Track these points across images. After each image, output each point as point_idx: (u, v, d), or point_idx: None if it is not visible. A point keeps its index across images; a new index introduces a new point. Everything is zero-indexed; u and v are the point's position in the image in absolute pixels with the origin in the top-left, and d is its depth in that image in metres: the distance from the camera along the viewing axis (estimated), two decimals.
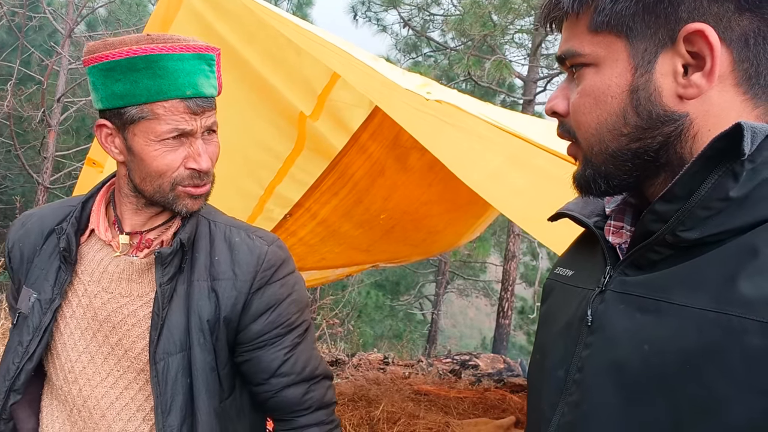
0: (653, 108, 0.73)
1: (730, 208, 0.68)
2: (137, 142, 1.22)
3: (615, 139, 0.76)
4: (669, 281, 0.71)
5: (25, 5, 9.31)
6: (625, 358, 0.72)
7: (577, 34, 0.78)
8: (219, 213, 1.40)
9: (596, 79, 0.76)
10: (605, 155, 0.77)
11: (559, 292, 0.95)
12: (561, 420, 0.80)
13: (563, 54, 0.80)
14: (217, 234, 1.32)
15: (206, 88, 1.22)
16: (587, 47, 0.76)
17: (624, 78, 0.74)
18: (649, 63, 0.73)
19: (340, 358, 7.00)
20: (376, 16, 12.02)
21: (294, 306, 1.34)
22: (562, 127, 0.84)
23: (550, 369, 0.86)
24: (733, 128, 0.66)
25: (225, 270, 1.28)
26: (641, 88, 0.73)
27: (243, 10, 2.39)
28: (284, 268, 1.33)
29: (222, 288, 1.27)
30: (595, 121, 0.77)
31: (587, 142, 0.79)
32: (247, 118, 3.08)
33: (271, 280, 1.30)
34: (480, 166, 2.02)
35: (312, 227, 4.26)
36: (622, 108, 0.75)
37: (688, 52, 0.71)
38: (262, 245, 1.32)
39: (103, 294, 1.27)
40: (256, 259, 1.29)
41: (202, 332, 1.25)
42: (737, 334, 0.62)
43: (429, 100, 1.65)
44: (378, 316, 15.79)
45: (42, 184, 9.30)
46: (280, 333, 1.32)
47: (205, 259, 1.29)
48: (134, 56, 1.15)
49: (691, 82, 0.72)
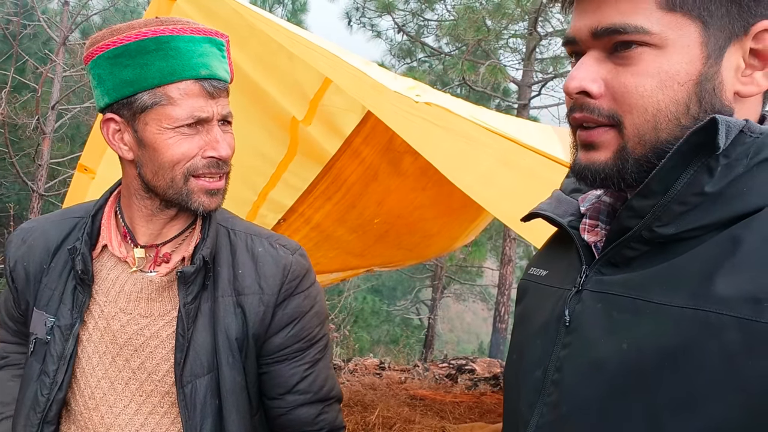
0: (715, 101, 0.70)
1: (705, 203, 0.68)
2: (149, 132, 1.14)
3: (670, 129, 0.70)
4: (646, 279, 0.71)
5: (20, 13, 9.32)
6: (603, 358, 0.72)
7: (641, 9, 0.69)
8: (236, 219, 1.32)
9: (662, 61, 0.69)
10: (652, 145, 0.71)
11: (534, 293, 0.94)
12: (540, 420, 0.80)
13: (620, 28, 0.70)
14: (238, 244, 1.25)
15: (220, 71, 1.16)
16: (657, 26, 0.69)
17: (694, 66, 0.69)
18: (720, 54, 0.70)
19: (336, 364, 6.99)
20: (371, 21, 12.05)
21: (316, 319, 1.28)
22: (591, 110, 0.74)
23: (528, 369, 0.85)
24: (708, 122, 0.66)
25: (250, 284, 1.21)
26: (710, 79, 0.70)
27: (234, 15, 2.39)
28: (308, 279, 1.27)
29: (248, 303, 1.21)
30: (655, 107, 0.70)
31: (638, 129, 0.71)
32: (239, 123, 3.06)
33: (295, 291, 1.24)
34: (470, 168, 2.03)
35: (306, 232, 4.26)
36: (687, 96, 0.70)
37: (751, 48, 0.70)
38: (286, 255, 1.25)
39: (121, 315, 1.19)
40: (281, 270, 1.23)
41: (231, 351, 1.19)
42: (715, 330, 0.62)
43: (418, 103, 1.65)
44: (375, 322, 15.77)
45: (36, 192, 9.28)
46: (302, 347, 1.26)
47: (228, 273, 1.22)
48: (144, 38, 1.09)
49: (753, 80, 0.71)
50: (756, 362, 0.59)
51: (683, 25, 0.69)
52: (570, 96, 0.76)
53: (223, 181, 1.21)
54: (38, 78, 9.52)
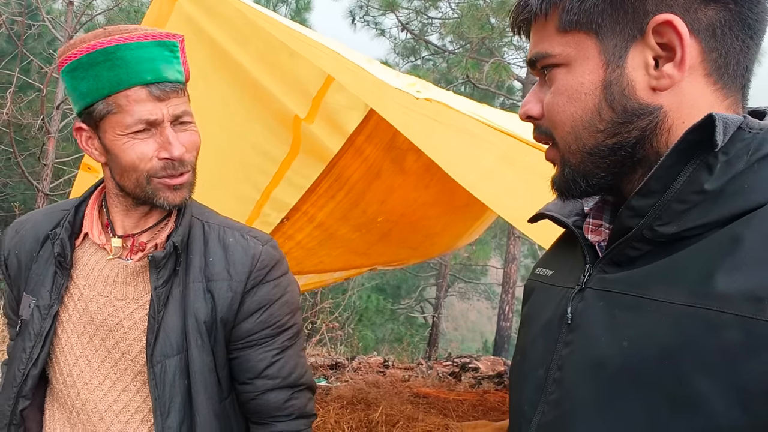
0: (627, 102, 0.73)
1: (705, 201, 0.68)
2: (108, 138, 1.21)
3: (591, 135, 0.76)
4: (648, 277, 0.71)
5: (24, 13, 9.33)
6: (605, 356, 0.72)
7: (546, 36, 0.78)
8: (213, 214, 1.39)
9: (568, 77, 0.76)
10: (582, 153, 0.77)
11: (540, 292, 0.95)
12: (542, 419, 0.80)
13: (534, 57, 0.80)
14: (211, 235, 1.32)
15: (169, 73, 1.21)
16: (557, 47, 0.76)
17: (596, 74, 0.74)
18: (620, 58, 0.73)
19: (340, 362, 7.00)
20: (374, 20, 12.05)
21: (286, 307, 1.34)
22: (539, 130, 0.83)
23: (530, 368, 0.86)
24: (705, 120, 0.66)
25: (220, 271, 1.28)
26: (614, 83, 0.73)
27: (235, 13, 2.40)
28: (278, 269, 1.33)
29: (217, 289, 1.27)
30: (570, 119, 0.77)
31: (564, 141, 0.79)
32: (242, 121, 3.09)
33: (264, 279, 1.30)
34: (472, 164, 2.02)
35: (309, 231, 4.26)
36: (596, 104, 0.74)
37: (657, 44, 0.71)
38: (256, 245, 1.31)
39: (98, 298, 1.27)
40: (250, 259, 1.29)
41: (200, 334, 1.25)
42: (715, 328, 0.62)
43: (419, 99, 1.65)
44: (379, 320, 15.78)
45: (42, 191, 9.31)
46: (270, 334, 1.32)
47: (199, 261, 1.29)
48: (93, 51, 1.16)
49: (663, 73, 0.72)
50: (757, 360, 0.59)
51: (580, 41, 0.75)
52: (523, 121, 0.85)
53: (185, 177, 1.27)
54: (43, 78, 9.55)
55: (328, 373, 6.59)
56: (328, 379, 6.24)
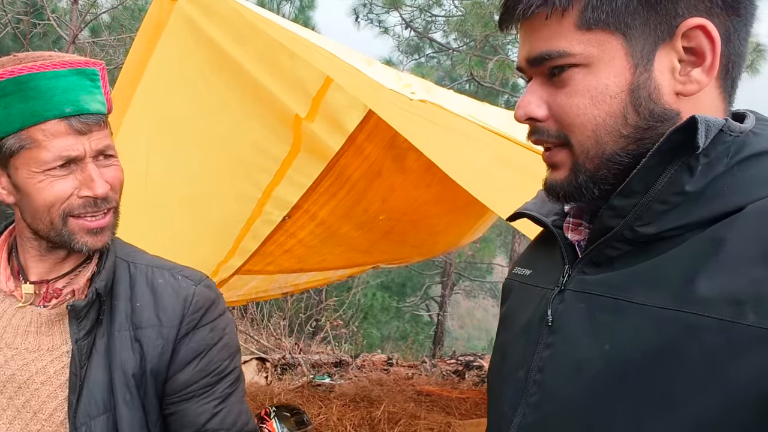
0: (654, 106, 0.71)
1: (686, 202, 0.68)
2: (21, 177, 1.08)
3: (614, 140, 0.73)
4: (628, 279, 0.71)
5: (30, 12, 9.39)
6: (586, 359, 0.72)
7: (561, 33, 0.72)
8: (140, 253, 1.27)
9: (590, 79, 0.72)
10: (601, 159, 0.74)
11: (518, 292, 0.95)
12: (522, 421, 0.80)
13: (545, 54, 0.74)
14: (138, 277, 1.20)
15: (90, 104, 1.09)
16: (577, 46, 0.72)
17: (623, 77, 0.71)
18: (649, 60, 0.71)
19: (344, 359, 7.02)
20: (378, 18, 12.03)
21: (225, 351, 1.23)
22: (542, 133, 0.78)
23: (510, 370, 0.86)
24: (688, 122, 0.66)
25: (149, 317, 1.16)
26: (642, 87, 0.71)
27: (235, 14, 2.41)
28: (214, 310, 1.22)
29: (146, 337, 1.15)
30: (593, 123, 0.73)
31: (582, 145, 0.75)
32: (242, 121, 3.10)
33: (199, 324, 1.19)
34: (467, 164, 2.03)
35: (311, 228, 4.28)
36: (622, 108, 0.72)
37: (684, 47, 0.70)
38: (188, 286, 1.20)
39: (5, 350, 1.13)
40: (182, 301, 1.18)
41: (128, 388, 1.13)
42: (696, 332, 0.62)
43: (413, 100, 1.66)
44: (384, 318, 15.78)
45: None
46: (210, 382, 1.20)
47: (125, 307, 1.16)
48: (1, 80, 1.04)
49: (691, 78, 0.71)
50: (737, 363, 0.59)
51: (604, 41, 0.71)
52: (521, 123, 0.80)
53: (107, 219, 1.15)
54: None
55: (332, 370, 6.61)
56: (332, 377, 6.26)
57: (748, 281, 0.61)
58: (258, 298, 5.59)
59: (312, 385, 5.71)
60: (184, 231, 3.67)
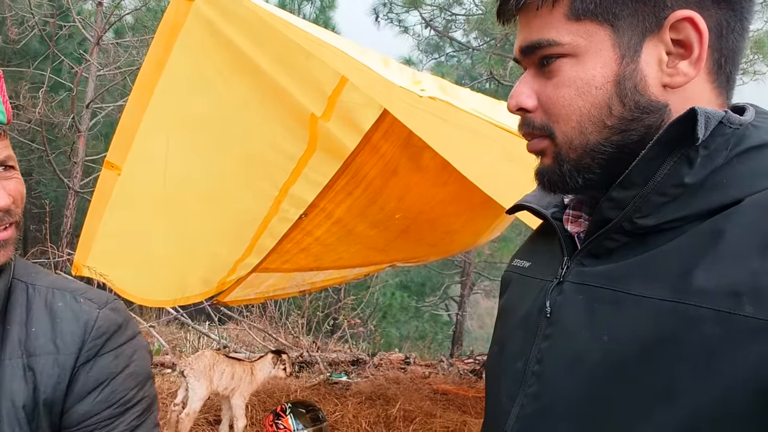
0: (640, 98, 0.71)
1: (685, 194, 0.68)
2: None
3: (598, 131, 0.73)
4: (627, 271, 0.71)
5: (56, 15, 9.56)
6: (585, 350, 0.72)
7: (552, 23, 0.73)
8: (42, 274, 1.16)
9: (577, 69, 0.72)
10: (584, 149, 0.74)
11: (517, 284, 0.95)
12: (521, 412, 0.80)
13: (535, 44, 0.74)
14: (35, 300, 1.09)
15: None
16: (566, 36, 0.72)
17: (609, 68, 0.71)
18: (636, 52, 0.71)
19: (361, 358, 7.05)
20: (398, 17, 12.04)
21: (131, 380, 1.12)
22: (530, 124, 0.79)
23: (509, 361, 0.86)
24: (688, 113, 0.66)
25: (44, 343, 1.06)
26: (628, 78, 0.71)
27: (251, 14, 2.44)
28: (120, 336, 1.12)
29: (40, 365, 1.04)
30: (577, 113, 0.73)
31: (566, 136, 0.75)
32: (259, 120, 3.14)
33: (102, 350, 1.09)
34: (476, 160, 2.04)
35: (328, 227, 4.31)
36: (607, 99, 0.72)
37: (672, 39, 0.70)
38: (90, 309, 1.10)
39: None
40: (83, 326, 1.08)
41: (18, 421, 1.02)
42: (694, 323, 0.62)
43: (422, 97, 1.67)
44: (403, 318, 15.77)
45: (72, 189, 9.53)
46: (114, 414, 1.09)
47: (19, 332, 1.05)
48: None
49: (678, 70, 0.70)
50: (735, 355, 0.59)
51: (592, 32, 0.72)
52: (513, 113, 0.81)
53: (8, 232, 1.04)
54: (74, 77, 9.76)
55: (349, 369, 6.65)
56: (349, 375, 6.29)
57: (746, 273, 0.61)
58: (276, 296, 5.64)
59: (328, 383, 5.75)
60: (202, 229, 3.72)
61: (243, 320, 7.97)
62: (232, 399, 3.97)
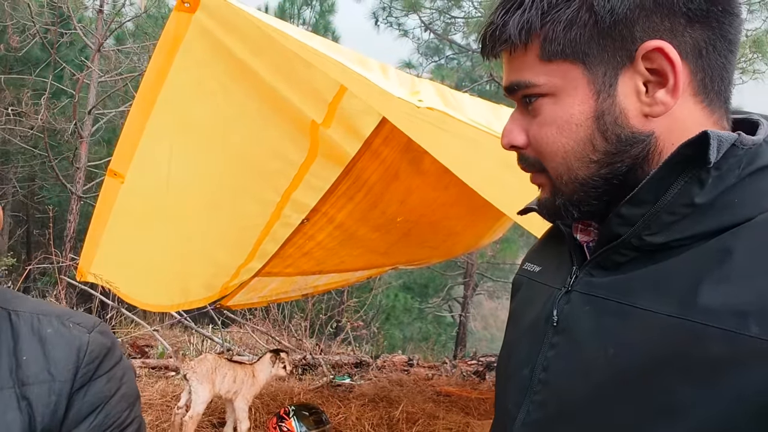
0: (621, 131, 0.71)
1: (695, 213, 0.68)
2: None
3: (584, 166, 0.74)
4: (634, 284, 0.72)
5: (57, 22, 9.61)
6: (590, 361, 0.73)
7: (527, 65, 0.74)
8: (22, 299, 1.14)
9: (556, 108, 0.73)
10: (575, 184, 0.75)
11: (527, 289, 0.96)
12: (527, 419, 0.81)
13: (515, 85, 0.76)
14: (21, 327, 1.07)
15: None
16: (541, 77, 0.73)
17: (587, 104, 0.72)
18: (611, 86, 0.71)
19: (364, 360, 7.07)
20: (398, 21, 12.08)
21: (124, 402, 1.13)
22: (524, 160, 0.80)
23: (516, 367, 0.87)
24: (700, 136, 0.67)
25: (37, 371, 1.04)
26: (606, 113, 0.71)
27: (250, 25, 2.48)
28: (110, 359, 1.12)
29: (35, 394, 1.02)
30: (562, 151, 0.74)
31: (555, 171, 0.76)
32: (260, 128, 3.18)
33: (95, 375, 1.09)
34: (475, 168, 2.06)
35: (330, 231, 4.35)
36: (589, 135, 0.72)
37: (647, 69, 0.70)
38: (81, 334, 1.09)
39: None
40: (75, 352, 1.07)
41: None
42: (700, 341, 0.62)
43: (420, 108, 1.70)
44: (407, 319, 15.76)
45: (75, 194, 9.58)
46: None
47: (8, 362, 1.03)
48: None
49: (656, 100, 0.70)
50: (740, 374, 0.59)
51: (566, 71, 0.72)
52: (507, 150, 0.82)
53: None
54: (75, 84, 9.81)
55: (353, 371, 6.67)
56: (352, 378, 6.32)
57: (753, 293, 0.61)
58: (278, 300, 5.68)
59: (332, 386, 5.78)
60: (205, 234, 3.76)
61: (246, 323, 8.00)
62: (235, 402, 4.00)
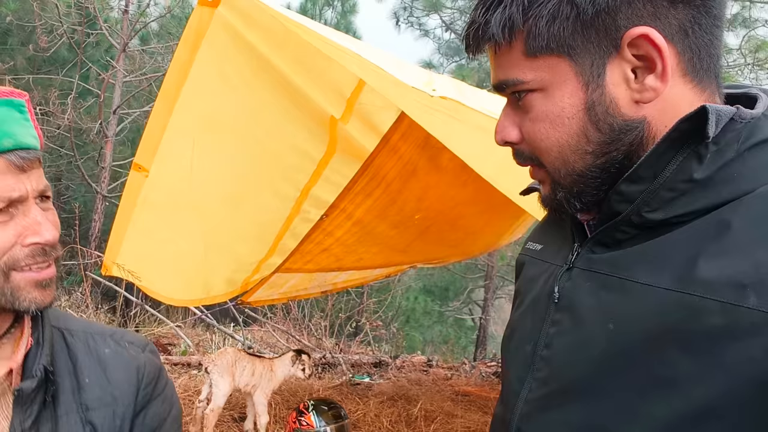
0: (613, 120, 0.72)
1: (694, 189, 0.69)
2: None
3: (580, 158, 0.74)
4: (634, 259, 0.72)
5: (84, 23, 9.79)
6: (591, 337, 0.74)
7: (513, 62, 0.74)
8: (69, 317, 1.09)
9: (547, 103, 0.73)
10: (573, 176, 0.76)
11: (529, 267, 0.97)
12: (530, 395, 0.82)
13: (503, 83, 0.76)
14: (77, 347, 1.03)
15: (27, 138, 0.91)
16: (528, 73, 0.73)
17: (577, 97, 0.72)
18: (599, 76, 0.71)
19: (384, 360, 7.09)
20: (418, 21, 12.10)
21: (176, 423, 1.11)
22: (519, 155, 0.81)
23: (519, 343, 0.88)
24: (699, 111, 0.67)
25: (101, 395, 1.00)
26: (597, 103, 0.71)
27: (272, 20, 2.52)
28: (162, 379, 1.10)
29: (100, 419, 0.99)
30: (557, 145, 0.75)
31: (552, 165, 0.77)
32: (280, 123, 3.22)
33: (153, 396, 1.07)
34: (488, 158, 2.07)
35: (348, 227, 4.37)
36: (582, 127, 0.73)
37: (634, 56, 0.70)
38: (137, 354, 1.07)
39: None
40: (134, 373, 1.04)
41: None
42: (699, 314, 0.63)
43: (433, 97, 1.72)
44: (427, 322, 15.74)
45: (100, 193, 9.74)
46: None
47: (71, 384, 0.99)
48: None
49: (646, 86, 0.70)
50: (738, 346, 0.60)
51: (553, 65, 0.72)
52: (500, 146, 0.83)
53: (53, 268, 0.95)
54: (101, 84, 9.98)
55: (372, 370, 6.70)
56: (371, 377, 6.34)
57: (751, 265, 0.61)
58: (298, 296, 5.71)
59: (351, 384, 5.81)
60: (226, 229, 3.81)
61: (267, 322, 8.07)
62: (254, 396, 4.05)
